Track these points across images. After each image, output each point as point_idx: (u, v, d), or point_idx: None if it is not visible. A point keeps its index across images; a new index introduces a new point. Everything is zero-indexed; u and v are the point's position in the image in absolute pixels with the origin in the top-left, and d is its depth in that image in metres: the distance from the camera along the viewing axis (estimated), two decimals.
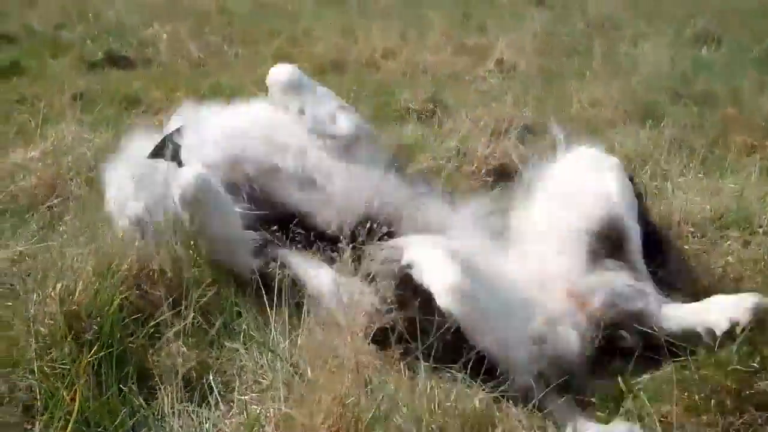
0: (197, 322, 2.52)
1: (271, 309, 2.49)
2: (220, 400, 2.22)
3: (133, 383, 2.23)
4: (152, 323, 2.45)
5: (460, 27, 8.83)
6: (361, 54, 7.53)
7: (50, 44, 7.75)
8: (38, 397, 2.09)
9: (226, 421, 2.06)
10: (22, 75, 6.68)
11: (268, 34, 8.40)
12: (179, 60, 7.46)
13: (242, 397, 2.14)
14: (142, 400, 2.22)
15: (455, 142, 4.60)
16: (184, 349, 2.41)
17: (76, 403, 2.00)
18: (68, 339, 2.25)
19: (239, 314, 2.60)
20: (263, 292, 2.58)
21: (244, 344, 2.45)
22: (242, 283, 2.69)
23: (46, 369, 2.13)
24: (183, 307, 2.51)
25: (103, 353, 2.23)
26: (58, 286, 2.32)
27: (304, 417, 1.82)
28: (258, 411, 1.95)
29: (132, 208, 2.91)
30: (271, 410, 1.91)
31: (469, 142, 4.61)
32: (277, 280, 2.51)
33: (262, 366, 2.33)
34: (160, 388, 2.25)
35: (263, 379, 2.29)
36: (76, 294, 2.34)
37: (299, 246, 2.75)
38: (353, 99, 5.69)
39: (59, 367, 2.16)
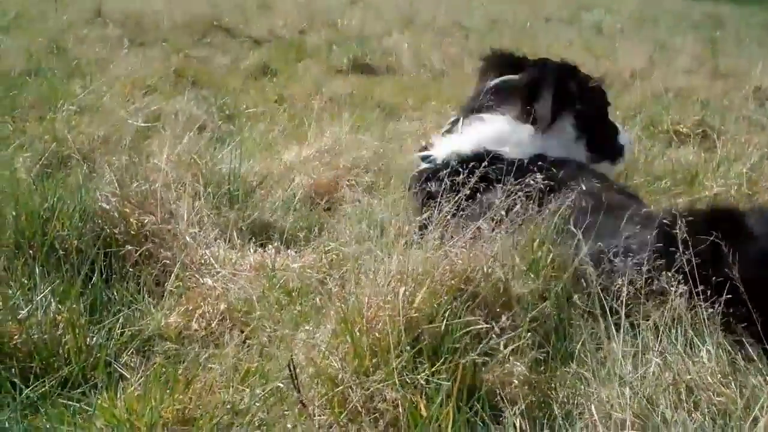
0: (529, 342, 2.29)
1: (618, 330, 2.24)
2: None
3: (480, 404, 2.04)
4: (487, 339, 2.23)
5: (708, 51, 8.38)
6: (607, 73, 7.23)
7: (296, 48, 7.89)
8: (401, 411, 1.91)
9: None
10: (272, 76, 6.80)
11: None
12: (420, 70, 7.42)
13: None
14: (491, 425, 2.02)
15: (746, 168, 4.24)
16: (522, 368, 2.19)
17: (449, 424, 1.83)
18: (407, 348, 2.09)
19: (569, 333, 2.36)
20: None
21: (580, 368, 2.21)
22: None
23: (406, 380, 1.97)
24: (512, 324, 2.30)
25: (444, 366, 2.06)
26: (401, 290, 2.16)
27: None
28: None
29: None
30: None
31: (761, 168, 4.27)
32: None
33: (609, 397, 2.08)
34: (506, 411, 2.04)
35: (615, 412, 2.04)
36: (416, 301, 2.18)
37: None
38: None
39: (410, 378, 2.00)
